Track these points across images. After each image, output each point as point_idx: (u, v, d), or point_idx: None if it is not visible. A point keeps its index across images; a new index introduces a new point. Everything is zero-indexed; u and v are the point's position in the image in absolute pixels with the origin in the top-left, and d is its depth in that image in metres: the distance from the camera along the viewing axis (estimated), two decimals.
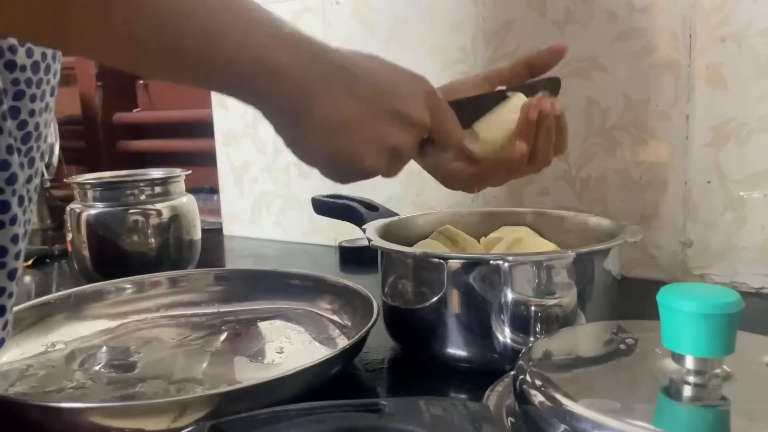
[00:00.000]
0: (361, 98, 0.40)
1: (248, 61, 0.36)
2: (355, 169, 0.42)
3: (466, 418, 0.32)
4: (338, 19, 0.94)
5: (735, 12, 0.66)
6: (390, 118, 0.42)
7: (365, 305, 0.57)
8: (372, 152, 0.42)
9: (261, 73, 0.37)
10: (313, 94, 0.39)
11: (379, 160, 0.43)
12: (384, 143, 0.42)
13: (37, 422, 0.40)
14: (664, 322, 0.33)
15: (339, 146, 0.41)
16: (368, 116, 0.41)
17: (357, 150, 0.41)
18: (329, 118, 0.39)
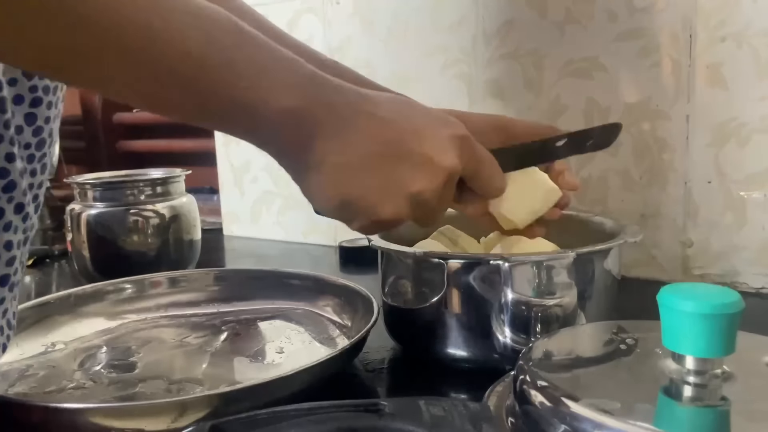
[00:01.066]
0: (378, 140, 0.38)
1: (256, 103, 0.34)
2: (373, 217, 0.39)
3: (466, 418, 0.32)
4: (338, 19, 0.94)
5: (735, 12, 0.66)
6: (413, 162, 0.38)
7: (365, 305, 0.57)
8: (391, 199, 0.39)
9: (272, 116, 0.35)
10: (330, 136, 0.36)
11: (401, 207, 0.39)
12: (405, 189, 0.39)
13: (38, 422, 0.40)
14: (664, 322, 0.33)
15: (352, 192, 0.38)
16: (386, 159, 0.38)
17: (373, 196, 0.38)
18: (346, 162, 0.37)
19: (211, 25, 0.33)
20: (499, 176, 0.45)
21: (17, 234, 0.41)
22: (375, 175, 0.38)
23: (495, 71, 0.82)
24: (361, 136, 0.37)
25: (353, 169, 0.37)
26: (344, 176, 0.37)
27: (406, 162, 0.38)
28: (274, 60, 0.35)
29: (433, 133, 0.39)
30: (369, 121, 0.38)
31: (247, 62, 0.33)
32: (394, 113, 0.39)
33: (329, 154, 0.37)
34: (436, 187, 0.39)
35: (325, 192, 0.38)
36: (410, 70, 0.88)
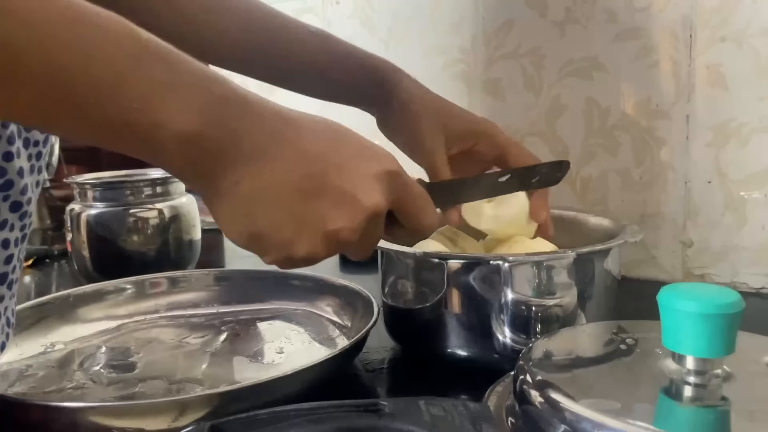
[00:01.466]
0: (297, 172, 0.34)
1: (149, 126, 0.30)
2: (286, 253, 0.36)
3: (466, 418, 0.32)
4: (338, 19, 0.94)
5: (735, 12, 0.66)
6: (332, 198, 0.35)
7: (365, 305, 0.57)
8: (306, 236, 0.35)
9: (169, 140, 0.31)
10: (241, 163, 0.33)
11: (317, 245, 0.36)
12: (322, 227, 0.35)
13: (38, 422, 0.40)
14: (665, 322, 0.33)
15: (264, 226, 0.35)
16: (304, 194, 0.35)
17: (287, 232, 0.35)
18: (257, 193, 0.34)
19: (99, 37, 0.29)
20: (431, 213, 0.41)
21: (14, 231, 0.41)
22: (290, 210, 0.35)
23: (495, 71, 0.82)
24: (277, 167, 0.34)
25: (267, 202, 0.34)
26: (256, 208, 0.34)
27: (326, 198, 0.35)
28: (177, 78, 0.31)
29: (358, 168, 0.36)
30: (288, 152, 0.34)
31: (142, 80, 0.30)
32: (318, 144, 0.36)
33: (241, 183, 0.33)
34: (356, 226, 0.36)
35: (236, 223, 0.35)
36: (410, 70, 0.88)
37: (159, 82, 0.30)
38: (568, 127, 0.78)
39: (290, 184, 0.34)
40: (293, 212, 0.35)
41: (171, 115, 0.31)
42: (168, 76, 0.31)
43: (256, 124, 0.34)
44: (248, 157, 0.33)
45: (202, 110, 0.32)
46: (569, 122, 0.78)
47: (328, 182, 0.35)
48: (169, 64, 0.31)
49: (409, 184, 0.39)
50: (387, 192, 0.37)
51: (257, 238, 0.35)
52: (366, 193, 0.36)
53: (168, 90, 0.31)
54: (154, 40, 0.31)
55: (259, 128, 0.34)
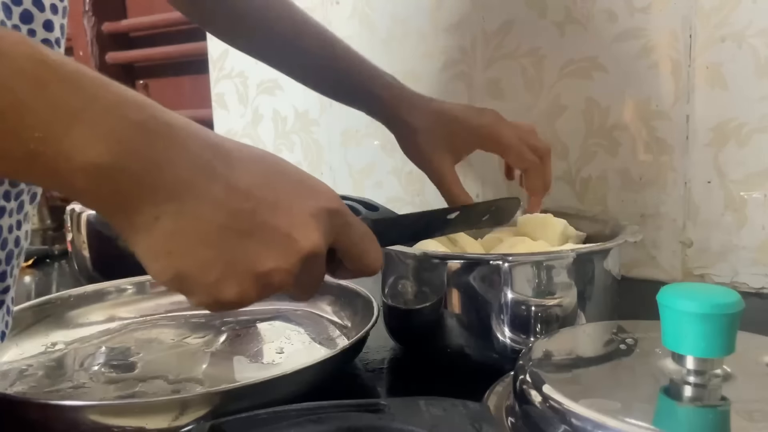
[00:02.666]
0: (225, 209, 0.32)
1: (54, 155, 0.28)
2: (213, 296, 0.33)
3: (466, 418, 0.32)
4: (338, 19, 0.94)
5: (735, 12, 0.66)
6: (264, 237, 0.33)
7: (365, 305, 0.57)
8: (235, 278, 0.33)
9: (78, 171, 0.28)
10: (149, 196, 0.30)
11: (247, 288, 0.33)
12: (252, 268, 0.33)
13: (38, 421, 0.40)
14: (664, 322, 0.33)
15: (187, 265, 0.32)
16: (232, 232, 0.32)
17: (213, 273, 0.32)
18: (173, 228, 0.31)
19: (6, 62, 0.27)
20: (374, 253, 0.39)
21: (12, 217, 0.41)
22: (217, 250, 0.32)
23: (495, 71, 0.82)
24: (203, 203, 0.31)
25: (190, 240, 0.31)
26: (179, 247, 0.31)
27: (257, 237, 0.32)
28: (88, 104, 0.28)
29: (293, 205, 0.34)
30: (216, 186, 0.32)
31: (45, 107, 0.27)
32: (250, 178, 0.33)
33: (161, 219, 0.31)
34: (290, 267, 0.33)
35: (157, 262, 0.32)
36: (410, 70, 0.88)
37: (65, 108, 0.28)
38: (568, 127, 0.78)
39: (217, 221, 0.32)
40: (220, 252, 0.32)
41: (78, 144, 0.28)
42: (76, 102, 0.28)
43: (181, 154, 0.31)
44: (170, 190, 0.30)
45: (113, 139, 0.29)
46: (569, 122, 0.78)
47: (261, 220, 0.33)
48: (78, 88, 0.28)
49: (351, 223, 0.37)
50: (326, 231, 0.35)
51: (181, 279, 0.32)
52: (302, 231, 0.33)
53: (75, 117, 0.28)
54: (66, 62, 0.29)
55: (183, 159, 0.31)
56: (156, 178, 0.30)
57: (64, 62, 0.28)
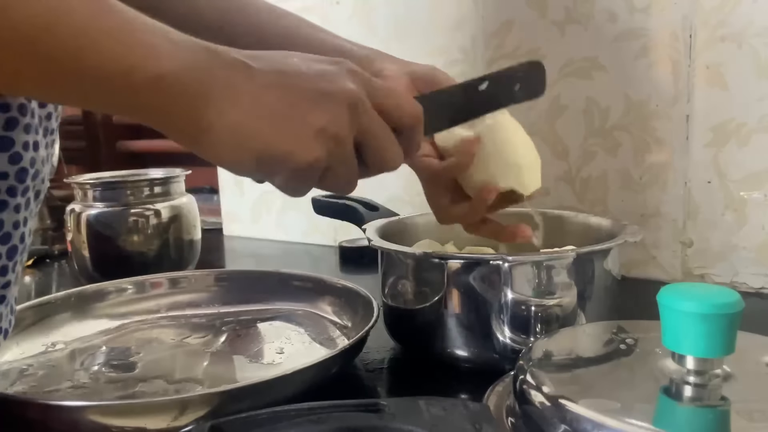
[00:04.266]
0: (272, 89, 0.36)
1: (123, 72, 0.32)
2: (291, 164, 0.37)
3: (466, 418, 0.32)
4: (338, 19, 0.94)
5: (735, 12, 0.66)
6: (310, 99, 0.37)
7: (365, 306, 0.57)
8: (302, 141, 0.37)
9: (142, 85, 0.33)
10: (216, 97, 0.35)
11: (314, 148, 0.37)
12: (312, 127, 0.37)
13: (38, 421, 0.40)
14: (664, 322, 0.33)
15: (260, 144, 0.36)
16: (283, 104, 0.36)
17: (285, 145, 0.36)
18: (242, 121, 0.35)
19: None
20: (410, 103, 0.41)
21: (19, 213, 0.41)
22: (279, 122, 0.36)
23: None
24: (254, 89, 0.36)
25: (255, 123, 0.36)
26: (248, 132, 0.36)
27: (303, 101, 0.37)
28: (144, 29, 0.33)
29: (321, 67, 0.38)
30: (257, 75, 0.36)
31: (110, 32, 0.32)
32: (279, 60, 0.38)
33: (225, 114, 0.35)
34: (341, 117, 0.37)
35: (234, 153, 0.36)
36: None
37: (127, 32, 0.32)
38: (568, 127, 0.78)
39: (269, 100, 0.36)
40: (283, 123, 0.36)
41: (142, 59, 0.32)
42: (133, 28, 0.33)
43: (222, 59, 0.35)
44: (224, 87, 0.35)
45: (170, 53, 0.33)
46: (569, 122, 0.78)
47: (302, 87, 0.37)
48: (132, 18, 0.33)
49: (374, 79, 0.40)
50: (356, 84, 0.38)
51: (259, 161, 0.36)
52: (336, 84, 0.38)
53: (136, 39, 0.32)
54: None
55: (225, 62, 0.35)
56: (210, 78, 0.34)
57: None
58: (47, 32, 0.30)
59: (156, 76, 0.33)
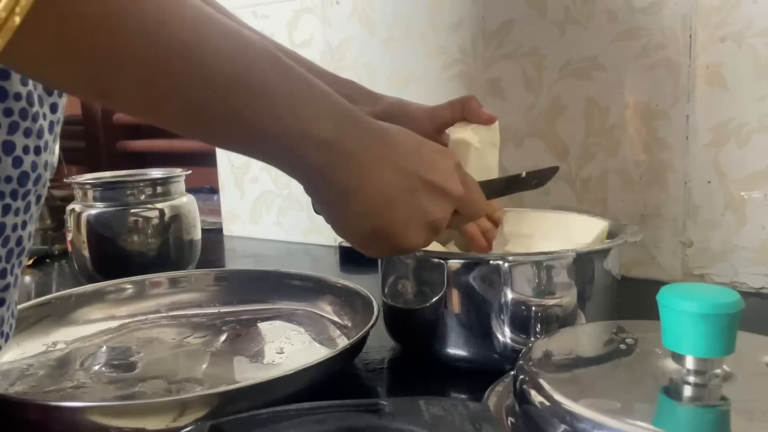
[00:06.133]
0: (403, 172, 0.39)
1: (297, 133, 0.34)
2: (397, 245, 0.40)
3: (466, 418, 0.32)
4: (338, 19, 0.94)
5: (735, 12, 0.66)
6: (430, 192, 0.40)
7: (365, 305, 0.57)
8: (415, 228, 0.40)
9: (311, 147, 0.35)
10: (364, 167, 0.37)
11: (421, 235, 0.41)
12: (426, 218, 0.40)
13: (37, 421, 0.40)
14: (664, 322, 0.33)
15: (383, 223, 0.39)
16: (409, 192, 0.39)
17: (400, 226, 0.40)
18: (377, 194, 0.38)
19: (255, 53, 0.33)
20: (483, 201, 0.46)
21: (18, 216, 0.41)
22: (401, 208, 0.39)
23: (495, 71, 0.82)
24: (387, 171, 0.38)
25: (384, 202, 0.38)
26: (377, 208, 0.38)
27: (425, 193, 0.40)
28: (313, 91, 0.36)
29: (440, 163, 0.41)
30: (392, 155, 0.39)
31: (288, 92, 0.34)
32: (407, 146, 0.40)
33: (364, 188, 0.38)
34: (448, 215, 0.42)
35: (360, 223, 0.39)
36: (410, 70, 0.88)
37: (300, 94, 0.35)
38: (568, 127, 0.78)
39: (398, 184, 0.39)
40: (404, 209, 0.39)
41: (312, 123, 0.35)
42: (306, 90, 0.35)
43: (368, 132, 0.38)
44: (369, 161, 0.38)
45: (333, 120, 0.36)
46: (569, 122, 0.78)
47: (425, 179, 0.40)
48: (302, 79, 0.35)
49: (468, 174, 0.44)
50: (461, 182, 0.42)
51: (378, 234, 0.39)
52: (451, 183, 0.41)
53: (307, 102, 0.35)
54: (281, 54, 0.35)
55: (370, 136, 0.38)
56: (360, 151, 0.37)
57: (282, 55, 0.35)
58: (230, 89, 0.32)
59: (320, 141, 0.35)
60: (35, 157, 0.40)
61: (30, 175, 0.40)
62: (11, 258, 0.41)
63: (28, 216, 0.41)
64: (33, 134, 0.40)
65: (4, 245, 0.40)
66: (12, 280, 0.42)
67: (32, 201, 0.41)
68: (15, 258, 0.41)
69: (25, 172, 0.40)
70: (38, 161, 0.40)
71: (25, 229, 0.42)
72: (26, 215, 0.41)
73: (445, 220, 0.42)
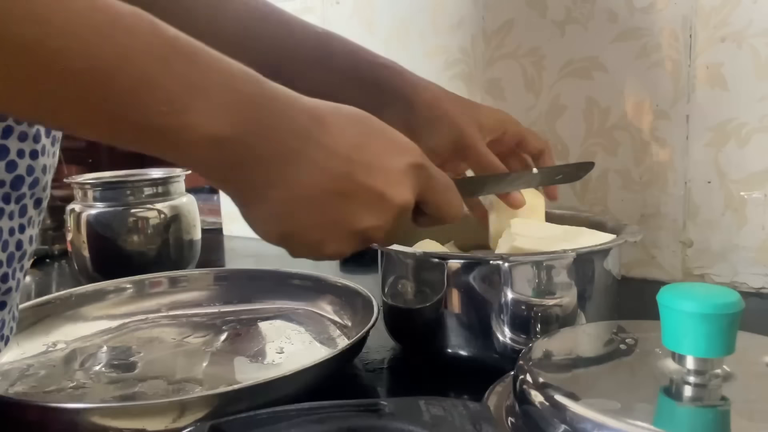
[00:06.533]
0: (330, 172, 0.34)
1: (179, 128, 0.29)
2: (315, 253, 0.36)
3: (466, 418, 0.32)
4: (338, 19, 0.94)
5: (735, 12, 0.66)
6: (362, 198, 0.35)
7: (365, 305, 0.57)
8: (336, 236, 0.36)
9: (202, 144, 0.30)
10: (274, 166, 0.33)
11: (345, 244, 0.36)
12: (351, 226, 0.36)
13: (37, 422, 0.40)
14: (665, 322, 0.33)
15: (295, 228, 0.35)
16: (334, 195, 0.34)
17: (317, 233, 0.35)
18: (290, 195, 0.34)
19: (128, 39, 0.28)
20: (456, 203, 0.41)
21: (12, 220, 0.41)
22: (321, 212, 0.35)
23: (495, 71, 0.82)
24: (307, 169, 0.34)
25: (299, 205, 0.34)
26: (288, 211, 0.34)
27: (355, 198, 0.35)
28: (206, 78, 0.30)
29: (385, 164, 0.36)
30: (317, 152, 0.34)
31: (170, 82, 0.29)
32: (346, 142, 0.35)
33: (273, 188, 0.33)
34: (384, 224, 0.36)
35: (267, 224, 0.35)
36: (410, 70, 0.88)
37: (188, 83, 0.30)
38: (568, 127, 0.78)
39: (320, 186, 0.34)
40: (323, 214, 0.35)
41: (201, 117, 0.30)
42: (197, 77, 0.30)
43: (285, 123, 0.33)
44: (280, 159, 0.33)
45: (231, 112, 0.31)
46: (569, 122, 0.78)
47: (358, 182, 0.35)
48: (196, 63, 0.30)
49: (434, 176, 0.39)
50: (414, 186, 0.37)
51: (288, 239, 0.36)
52: (394, 189, 0.36)
53: (197, 91, 0.30)
54: (181, 37, 0.30)
55: (287, 128, 0.33)
56: (267, 147, 0.32)
57: (179, 37, 0.30)
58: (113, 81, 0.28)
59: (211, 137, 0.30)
60: (31, 161, 0.40)
61: (25, 179, 0.40)
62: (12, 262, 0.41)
63: (26, 219, 0.41)
64: (29, 138, 0.39)
65: (4, 249, 0.40)
66: (14, 284, 0.41)
67: (29, 204, 0.41)
68: (16, 262, 0.41)
69: (20, 176, 0.39)
70: (35, 165, 0.40)
71: (24, 232, 0.41)
72: (23, 219, 0.41)
73: (382, 229, 0.37)
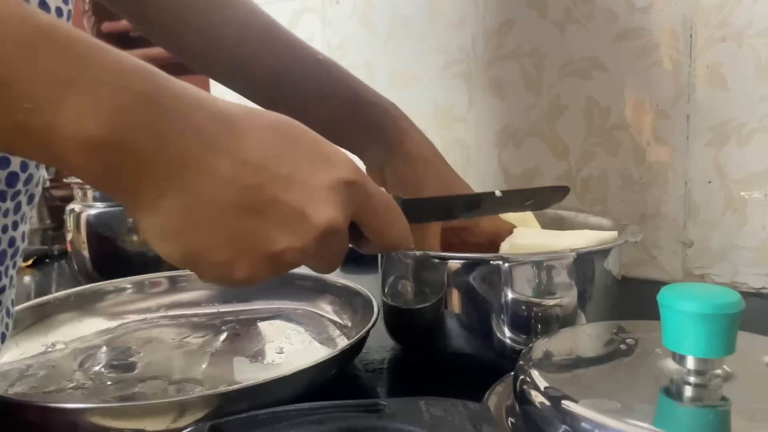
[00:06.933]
0: (234, 185, 0.29)
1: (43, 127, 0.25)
2: (223, 276, 0.32)
3: (466, 418, 0.32)
4: (338, 19, 0.94)
5: (735, 12, 0.66)
6: (276, 215, 0.31)
7: (365, 305, 0.57)
8: (246, 258, 0.31)
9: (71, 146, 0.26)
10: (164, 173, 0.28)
11: (258, 268, 0.32)
12: (264, 248, 0.31)
13: (36, 422, 0.40)
14: (665, 322, 0.33)
15: (197, 245, 0.30)
16: (242, 210, 0.30)
17: (224, 253, 0.30)
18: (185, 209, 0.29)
19: None
20: (399, 226, 0.37)
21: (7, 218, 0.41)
22: (226, 230, 0.30)
23: (495, 71, 0.82)
24: (209, 180, 0.29)
25: (198, 220, 0.29)
26: (186, 226, 0.29)
27: (268, 214, 0.30)
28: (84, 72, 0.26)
29: (308, 178, 0.31)
30: (223, 160, 0.29)
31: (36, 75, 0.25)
32: (261, 150, 0.31)
33: (166, 197, 0.29)
34: (304, 246, 0.32)
35: (165, 242, 0.30)
36: (410, 70, 0.88)
37: (57, 76, 0.25)
38: (568, 127, 0.78)
39: (225, 198, 0.29)
40: (230, 232, 0.30)
41: (71, 116, 0.26)
42: (69, 70, 0.26)
43: (186, 127, 0.29)
44: (174, 166, 0.28)
45: (110, 111, 0.26)
46: (569, 122, 0.78)
47: (272, 196, 0.30)
48: (74, 54, 0.26)
49: (372, 194, 0.35)
50: (344, 204, 0.33)
51: (189, 259, 0.31)
52: (317, 207, 0.31)
53: (68, 86, 0.26)
54: (58, 26, 0.26)
55: (189, 132, 0.29)
56: (158, 153, 0.28)
57: (56, 25, 0.26)
58: None
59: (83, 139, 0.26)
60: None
61: (20, 176, 0.39)
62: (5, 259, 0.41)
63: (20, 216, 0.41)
64: None
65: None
66: (7, 282, 0.41)
67: (23, 201, 0.41)
68: (9, 259, 0.41)
69: (14, 173, 0.39)
70: (28, 161, 0.39)
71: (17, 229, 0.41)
72: (17, 215, 0.40)
73: (300, 252, 0.32)
